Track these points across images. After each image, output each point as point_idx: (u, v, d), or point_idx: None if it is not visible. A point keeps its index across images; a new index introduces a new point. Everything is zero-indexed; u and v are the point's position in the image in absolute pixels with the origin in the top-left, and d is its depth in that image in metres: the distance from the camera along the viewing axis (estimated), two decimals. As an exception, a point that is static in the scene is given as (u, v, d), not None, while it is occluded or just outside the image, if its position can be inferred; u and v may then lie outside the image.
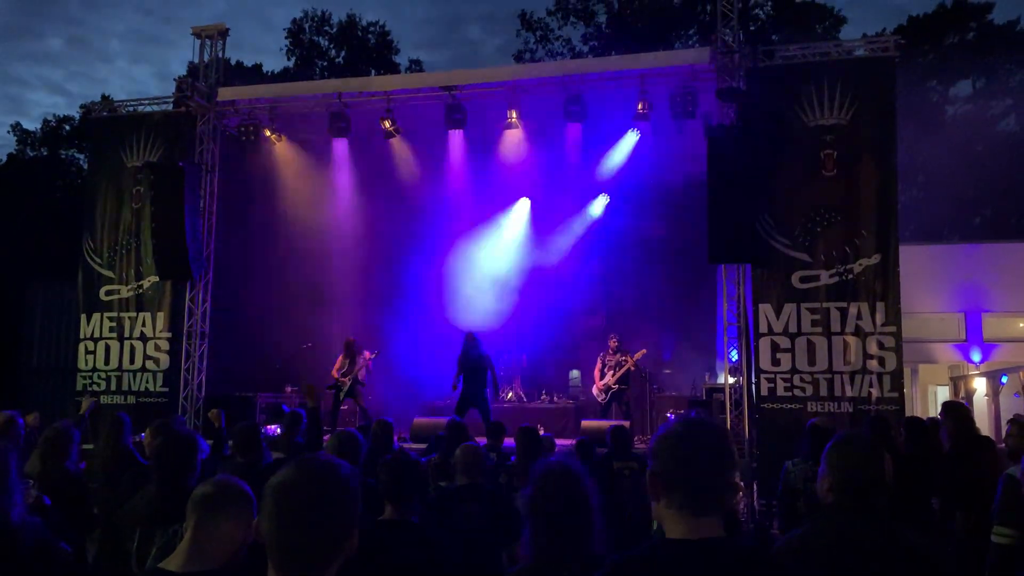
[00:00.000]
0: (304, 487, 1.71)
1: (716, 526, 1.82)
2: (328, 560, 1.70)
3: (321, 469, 1.76)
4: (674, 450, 1.87)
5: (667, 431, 1.92)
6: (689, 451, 1.86)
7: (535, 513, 2.75)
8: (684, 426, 1.92)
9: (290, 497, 1.70)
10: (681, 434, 1.90)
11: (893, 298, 9.59)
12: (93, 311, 12.13)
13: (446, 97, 11.68)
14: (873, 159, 9.84)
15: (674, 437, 1.90)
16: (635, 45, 22.09)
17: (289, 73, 30.15)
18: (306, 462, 1.78)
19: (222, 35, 12.41)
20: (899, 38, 10.43)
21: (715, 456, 1.87)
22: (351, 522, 1.73)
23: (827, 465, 2.68)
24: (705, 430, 1.91)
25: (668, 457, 1.87)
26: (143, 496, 3.36)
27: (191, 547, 2.29)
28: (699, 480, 1.84)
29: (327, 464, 1.78)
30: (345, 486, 1.74)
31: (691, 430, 1.91)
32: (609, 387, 12.11)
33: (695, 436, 1.89)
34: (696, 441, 1.88)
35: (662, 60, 11.71)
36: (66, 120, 33.20)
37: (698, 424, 1.93)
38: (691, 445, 1.87)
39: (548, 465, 2.85)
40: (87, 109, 13.16)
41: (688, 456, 1.86)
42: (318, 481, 1.73)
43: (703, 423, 1.94)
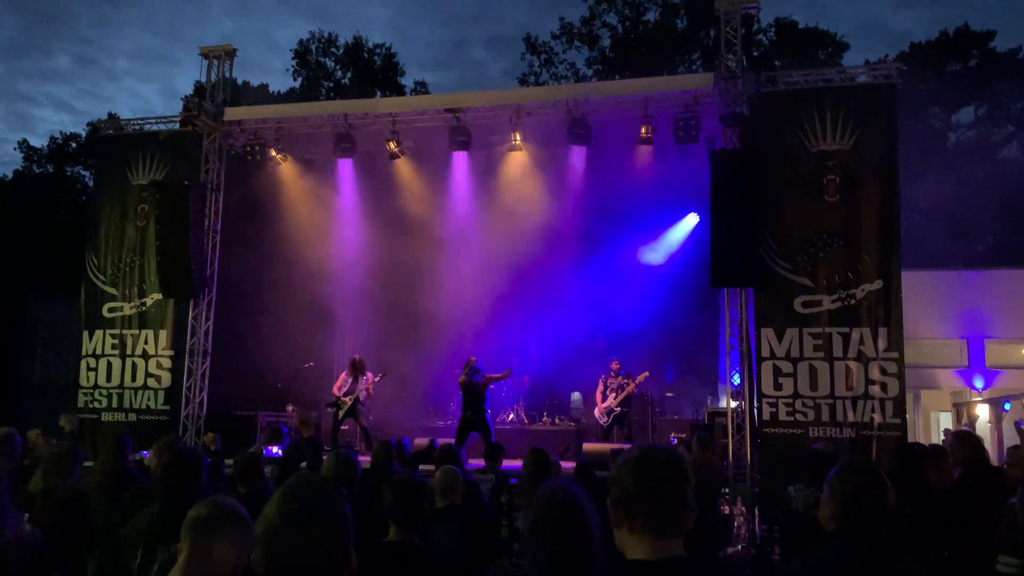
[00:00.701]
0: (289, 530, 1.75)
1: (678, 546, 1.88)
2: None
3: (304, 507, 1.78)
4: (632, 475, 1.93)
5: (625, 458, 1.99)
6: (647, 476, 1.92)
7: (536, 537, 2.74)
8: (641, 452, 1.99)
9: (278, 541, 1.73)
10: (638, 459, 1.96)
11: (896, 324, 9.59)
12: (96, 328, 12.13)
13: (451, 119, 11.75)
14: (875, 185, 9.88)
15: (632, 463, 1.96)
16: (639, 69, 22.26)
17: (295, 93, 30.37)
18: (288, 501, 1.79)
19: (230, 56, 12.50)
20: (901, 65, 10.51)
21: (672, 479, 1.93)
22: (344, 547, 1.78)
23: (830, 492, 2.67)
24: (661, 456, 1.98)
25: (627, 482, 1.93)
26: (147, 514, 3.37)
27: (186, 568, 2.28)
28: (659, 503, 1.90)
29: (310, 499, 1.80)
30: (331, 516, 1.79)
31: (647, 456, 1.97)
32: (611, 409, 12.09)
33: (651, 461, 1.95)
34: (653, 466, 1.94)
35: (666, 84, 11.82)
36: (72, 137, 33.42)
37: (654, 450, 1.99)
38: (648, 470, 1.93)
39: (549, 489, 2.84)
40: (94, 127, 13.28)
41: (646, 480, 1.92)
42: (303, 520, 1.75)
43: (659, 449, 2.01)
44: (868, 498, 2.60)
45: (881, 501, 2.61)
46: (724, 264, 9.81)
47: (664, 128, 11.11)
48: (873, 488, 2.63)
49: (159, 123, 12.81)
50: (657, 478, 1.92)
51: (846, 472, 2.71)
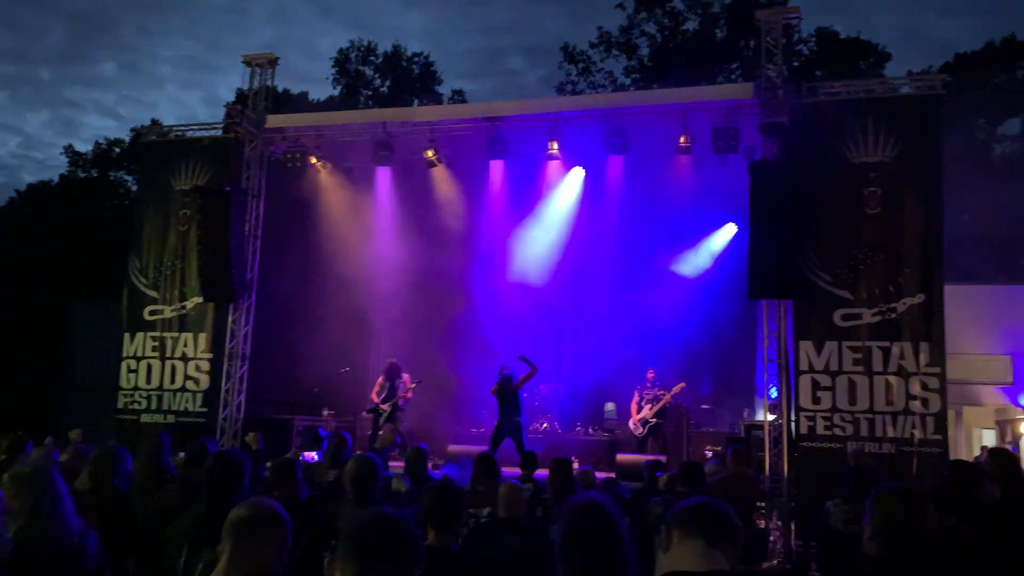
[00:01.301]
0: (383, 534, 1.92)
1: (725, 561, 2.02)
2: None
3: (394, 520, 1.97)
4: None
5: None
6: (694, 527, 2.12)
7: (567, 549, 2.73)
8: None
9: (370, 542, 1.91)
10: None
11: (937, 338, 9.42)
12: (136, 330, 12.33)
13: (488, 128, 11.80)
14: (918, 197, 9.73)
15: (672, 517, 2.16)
16: (677, 79, 22.17)
17: (334, 101, 30.65)
18: (379, 514, 2.00)
19: (271, 64, 12.66)
20: (946, 76, 10.35)
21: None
22: (419, 562, 1.95)
23: (869, 516, 2.64)
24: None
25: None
26: (191, 514, 3.42)
27: (227, 569, 2.31)
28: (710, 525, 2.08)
29: (398, 516, 2.00)
30: (414, 537, 1.98)
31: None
32: (646, 421, 12.02)
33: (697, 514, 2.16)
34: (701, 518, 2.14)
35: (705, 94, 11.76)
36: (116, 143, 34.04)
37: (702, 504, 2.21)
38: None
39: (579, 501, 2.84)
40: (137, 133, 13.54)
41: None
42: (393, 529, 1.94)
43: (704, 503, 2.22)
44: (908, 522, 2.56)
45: (921, 525, 2.56)
46: (762, 275, 9.71)
47: (703, 138, 11.05)
48: (913, 511, 2.59)
49: (201, 130, 13.02)
50: None
51: (885, 495, 2.67)
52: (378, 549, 1.87)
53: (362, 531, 1.90)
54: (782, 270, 9.67)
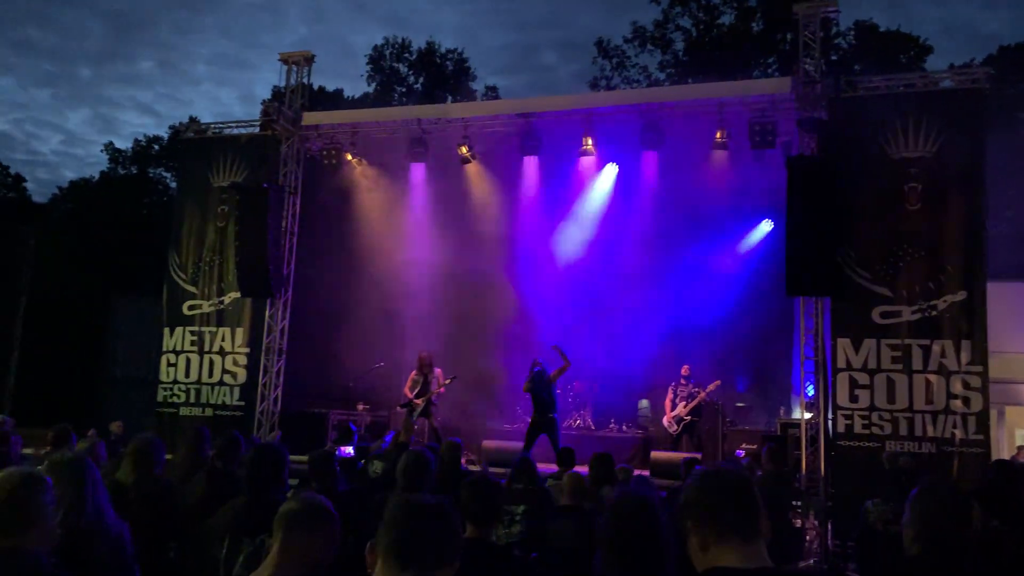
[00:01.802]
0: (432, 503, 1.96)
1: (762, 557, 1.91)
2: (438, 567, 1.90)
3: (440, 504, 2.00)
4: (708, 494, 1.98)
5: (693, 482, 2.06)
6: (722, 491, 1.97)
7: (609, 542, 2.75)
8: (704, 474, 2.07)
9: (421, 505, 1.94)
10: (707, 478, 2.03)
11: (980, 336, 9.25)
12: (176, 325, 12.53)
13: (522, 124, 11.80)
14: (960, 193, 9.55)
15: (702, 481, 2.03)
16: (713, 73, 21.98)
17: (369, 98, 30.86)
18: (418, 499, 2.02)
19: (308, 61, 12.78)
20: (989, 69, 10.17)
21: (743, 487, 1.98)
22: (456, 549, 1.95)
23: (911, 515, 2.61)
24: (725, 470, 2.07)
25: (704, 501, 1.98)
26: (232, 506, 3.47)
27: (277, 560, 2.35)
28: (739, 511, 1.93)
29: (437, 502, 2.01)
30: (454, 519, 2.01)
31: (713, 473, 2.05)
32: (681, 418, 11.96)
33: (721, 476, 2.02)
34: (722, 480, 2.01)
35: (741, 89, 11.62)
36: (155, 140, 34.61)
37: (717, 469, 2.09)
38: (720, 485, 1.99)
39: (622, 494, 2.86)
40: (176, 130, 13.72)
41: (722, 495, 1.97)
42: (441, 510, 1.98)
43: (722, 471, 2.08)
44: (951, 522, 2.52)
45: (964, 525, 2.53)
46: (800, 272, 9.61)
47: (739, 133, 10.96)
48: (956, 511, 2.55)
49: (239, 127, 13.18)
50: (727, 491, 1.97)
51: (927, 495, 2.63)
52: (417, 533, 1.89)
53: (400, 515, 1.92)
54: (820, 267, 9.56)
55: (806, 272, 9.58)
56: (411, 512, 1.92)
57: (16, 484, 2.51)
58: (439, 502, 1.99)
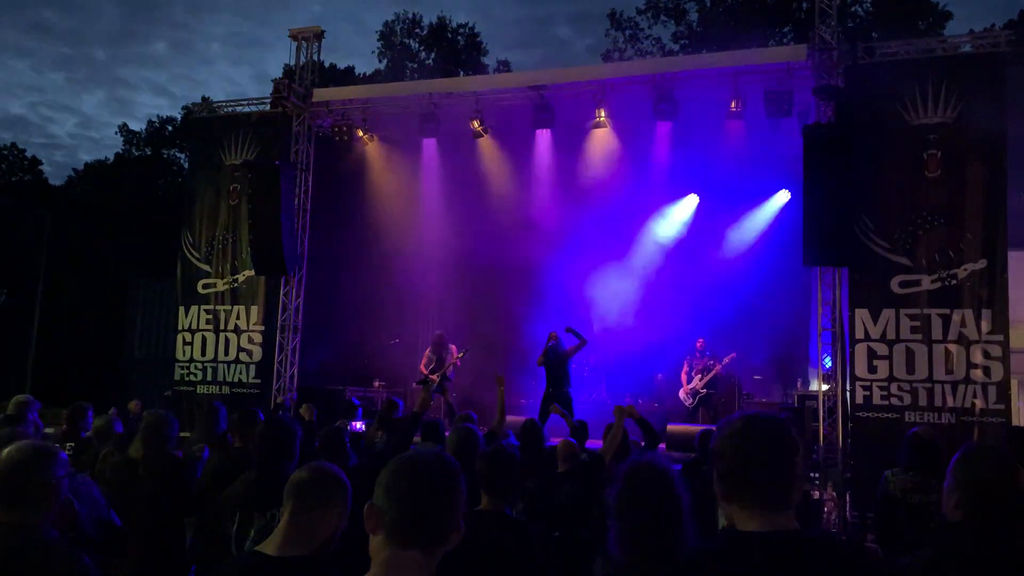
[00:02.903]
0: (435, 467, 1.86)
1: (791, 519, 1.80)
2: (443, 540, 1.81)
3: (444, 460, 1.91)
4: (739, 449, 1.85)
5: (729, 429, 1.90)
6: (755, 448, 1.83)
7: (623, 512, 2.70)
8: (745, 423, 1.89)
9: (425, 472, 1.84)
10: (744, 431, 1.87)
11: (1000, 305, 9.12)
12: (191, 304, 12.57)
13: (534, 96, 11.68)
14: (980, 160, 9.38)
15: (738, 435, 1.87)
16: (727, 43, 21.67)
17: (380, 75, 30.68)
18: (428, 453, 1.92)
19: (318, 38, 12.71)
20: (1010, 33, 9.94)
21: (780, 449, 1.83)
22: (460, 515, 1.86)
23: (954, 480, 2.53)
24: (767, 424, 1.89)
25: (734, 456, 1.85)
26: (243, 480, 3.46)
27: (287, 531, 2.31)
28: (769, 477, 1.81)
29: (440, 456, 1.92)
30: (460, 482, 1.90)
31: (753, 426, 1.88)
32: (696, 391, 11.91)
33: (758, 432, 1.86)
34: (760, 436, 1.85)
35: (756, 57, 11.42)
36: (169, 121, 34.64)
37: (759, 419, 1.91)
38: (756, 441, 1.84)
39: (636, 463, 2.80)
40: (188, 110, 13.73)
41: (754, 453, 1.83)
42: (444, 466, 1.88)
43: (763, 417, 1.92)
44: (997, 485, 2.46)
45: (1012, 487, 2.46)
46: (817, 242, 9.49)
47: (754, 103, 10.80)
48: (1002, 474, 2.49)
49: (250, 105, 13.15)
50: (765, 451, 1.83)
51: (972, 457, 2.56)
52: (424, 511, 1.80)
53: (405, 488, 1.82)
54: (837, 237, 9.44)
55: (823, 242, 9.47)
56: (417, 485, 1.82)
57: (24, 458, 2.49)
58: (445, 469, 1.88)
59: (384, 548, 1.77)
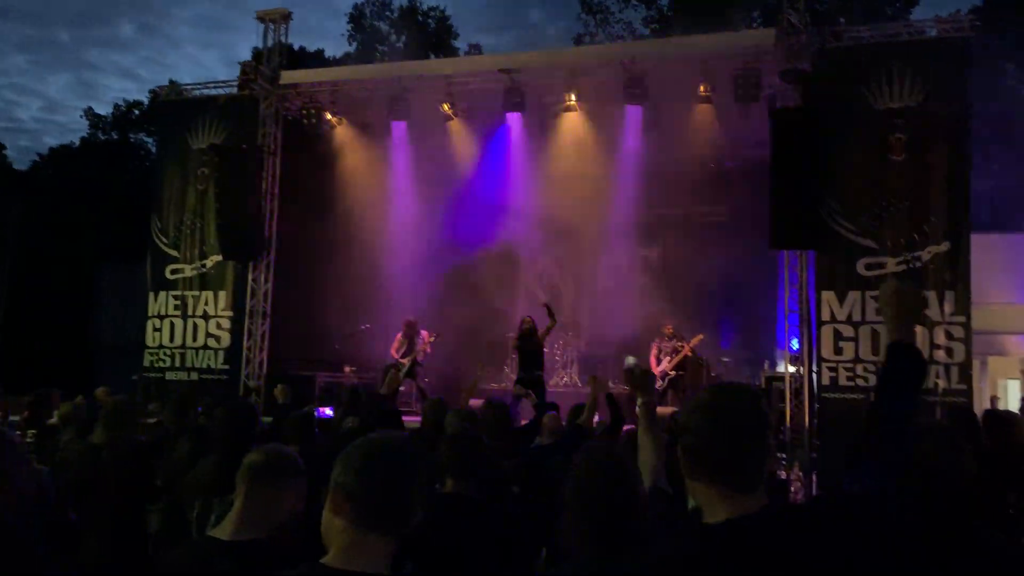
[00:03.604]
0: (402, 451, 1.83)
1: (760, 498, 1.71)
2: (406, 524, 1.78)
3: (408, 443, 1.87)
4: (710, 422, 1.74)
5: (698, 401, 1.80)
6: (727, 421, 1.74)
7: (576, 500, 2.54)
8: (713, 394, 1.81)
9: (393, 456, 1.81)
10: (715, 404, 1.78)
11: (963, 287, 9.28)
12: (160, 290, 12.45)
13: (505, 80, 11.64)
14: (944, 144, 9.50)
15: (708, 408, 1.77)
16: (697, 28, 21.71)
17: (350, 58, 30.39)
18: (394, 436, 1.89)
19: (285, 19, 12.56)
20: (974, 18, 10.06)
21: (753, 423, 1.74)
22: (422, 497, 1.83)
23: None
24: (736, 396, 1.80)
25: (704, 430, 1.74)
26: (204, 466, 3.44)
27: (241, 515, 2.28)
28: (741, 452, 1.71)
29: (406, 439, 1.90)
30: (418, 459, 1.86)
31: (724, 397, 1.79)
32: (666, 373, 12.00)
33: (730, 404, 1.77)
34: (732, 409, 1.76)
35: (725, 41, 11.46)
36: (136, 105, 34.10)
37: (728, 391, 1.83)
38: (728, 414, 1.75)
39: (587, 451, 2.71)
40: (155, 93, 13.48)
41: (726, 427, 1.73)
42: (409, 450, 1.85)
43: (732, 389, 1.84)
44: (943, 463, 2.51)
45: (957, 466, 2.51)
46: (784, 226, 9.57)
47: (723, 87, 10.85)
48: (948, 452, 2.54)
49: (218, 88, 12.99)
50: (736, 425, 1.73)
51: (921, 434, 2.61)
52: (387, 497, 1.76)
53: (366, 473, 1.77)
54: (804, 220, 9.53)
55: (790, 225, 9.55)
56: (385, 468, 1.78)
57: None
58: (410, 453, 1.84)
59: (345, 531, 1.74)
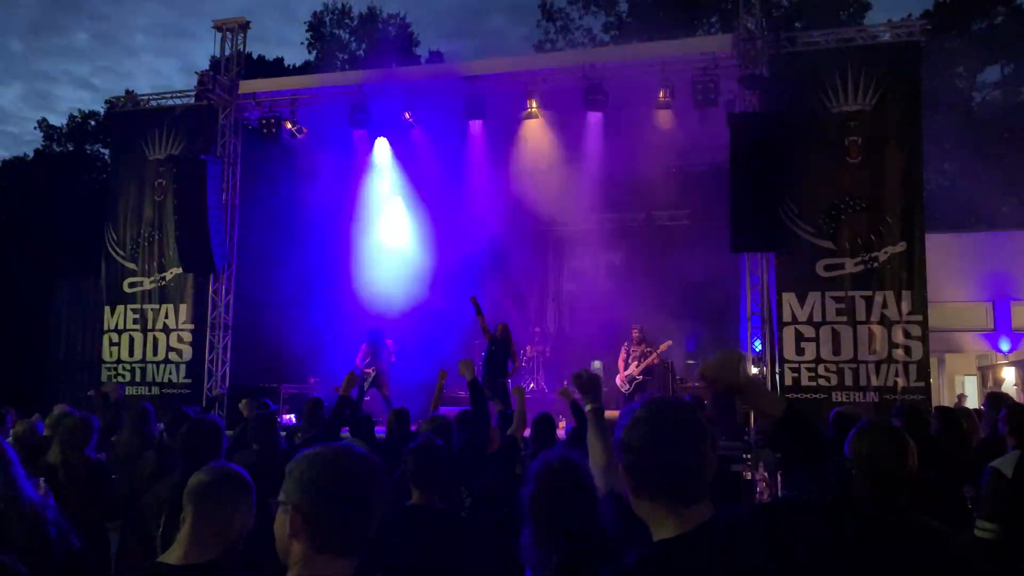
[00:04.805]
0: (366, 467, 1.72)
1: (706, 508, 1.66)
2: (367, 542, 1.70)
3: (360, 458, 1.74)
4: (645, 439, 1.68)
5: (632, 417, 1.72)
6: (663, 434, 1.67)
7: (535, 508, 2.59)
8: (647, 410, 1.72)
9: (341, 476, 1.69)
10: (648, 419, 1.70)
11: (919, 287, 9.48)
12: (117, 303, 12.23)
13: (465, 87, 11.64)
14: (898, 146, 9.71)
15: (642, 424, 1.70)
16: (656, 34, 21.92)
17: (310, 67, 30.22)
18: (354, 451, 1.75)
19: (243, 28, 12.45)
20: (925, 23, 10.27)
21: (690, 433, 1.68)
22: (383, 509, 1.74)
23: (851, 452, 2.65)
24: (671, 410, 1.73)
25: (643, 448, 1.68)
26: (167, 482, 3.38)
27: (189, 538, 2.22)
28: (681, 468, 1.66)
29: (365, 455, 1.76)
30: (380, 475, 1.75)
31: (658, 410, 1.72)
32: (633, 377, 12.05)
33: (665, 416, 1.70)
34: (667, 421, 1.69)
35: (683, 48, 11.59)
36: (92, 115, 33.52)
37: (662, 405, 1.74)
38: (664, 427, 1.68)
39: (547, 462, 2.71)
40: (111, 103, 13.25)
41: (664, 443, 1.67)
42: (362, 467, 1.73)
43: (666, 403, 1.76)
44: (887, 458, 2.56)
45: (901, 461, 2.57)
46: (744, 229, 9.70)
47: (682, 92, 10.95)
48: (892, 448, 2.59)
49: (175, 97, 12.81)
50: (674, 438, 1.68)
51: (866, 432, 2.68)
52: (355, 519, 1.67)
53: (333, 497, 1.66)
54: (764, 223, 9.67)
55: (750, 228, 9.68)
56: (336, 491, 1.67)
57: None
58: (374, 469, 1.73)
59: (305, 556, 1.64)
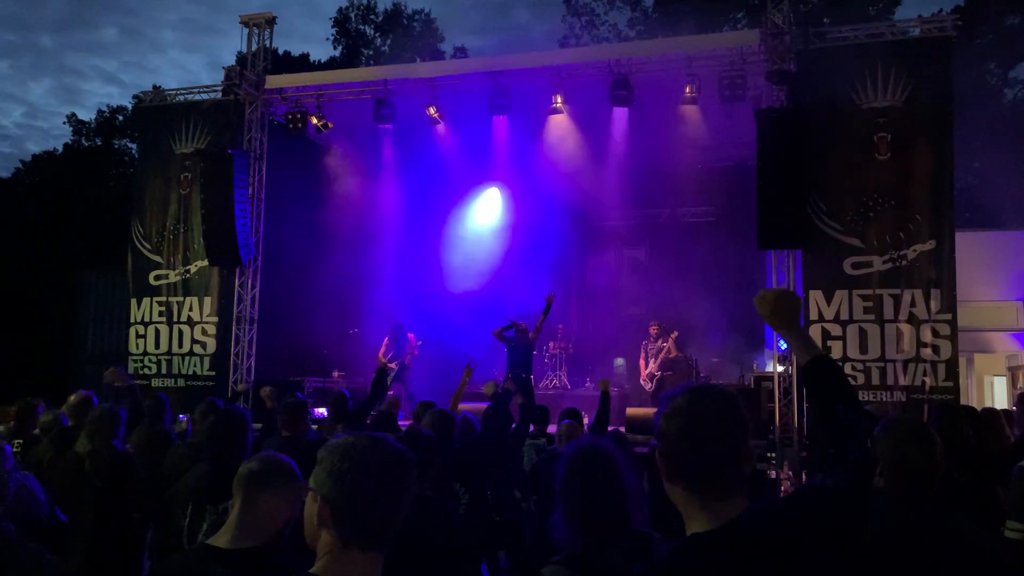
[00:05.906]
0: (398, 462, 1.76)
1: (742, 502, 1.65)
2: (392, 536, 1.73)
3: (391, 451, 1.77)
4: (687, 429, 1.67)
5: (672, 405, 1.71)
6: (703, 429, 1.66)
7: (567, 494, 2.66)
8: (688, 400, 1.71)
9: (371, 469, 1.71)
10: (691, 410, 1.69)
11: (948, 285, 9.34)
12: (143, 296, 12.35)
13: (490, 82, 11.62)
14: (928, 142, 9.58)
15: (681, 415, 1.69)
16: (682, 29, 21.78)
17: (335, 62, 30.36)
18: (388, 446, 1.77)
19: (270, 24, 12.51)
20: (956, 18, 10.13)
21: (730, 427, 1.67)
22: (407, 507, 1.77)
23: (878, 448, 2.64)
24: (714, 398, 1.71)
25: (681, 437, 1.67)
26: (195, 473, 3.41)
27: (238, 523, 2.28)
28: (718, 460, 1.65)
29: (396, 448, 1.78)
30: (412, 469, 1.79)
31: (699, 401, 1.70)
32: (653, 375, 12.01)
33: (705, 408, 1.69)
34: (708, 416, 1.68)
35: (710, 43, 11.48)
36: (119, 110, 33.93)
37: (704, 395, 1.72)
38: (703, 419, 1.67)
39: (579, 447, 2.79)
40: (139, 99, 13.38)
41: (703, 435, 1.66)
42: (393, 459, 1.76)
43: (708, 393, 1.73)
44: (915, 454, 2.55)
45: (929, 458, 2.56)
46: (771, 226, 9.61)
47: (708, 88, 10.86)
48: (920, 444, 2.58)
49: (202, 92, 12.90)
50: (713, 430, 1.67)
51: (892, 428, 2.67)
52: (386, 517, 1.70)
53: (365, 493, 1.69)
54: (791, 220, 9.58)
55: (777, 225, 9.60)
56: (364, 484, 1.69)
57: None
58: (405, 463, 1.76)
59: (332, 546, 1.68)
